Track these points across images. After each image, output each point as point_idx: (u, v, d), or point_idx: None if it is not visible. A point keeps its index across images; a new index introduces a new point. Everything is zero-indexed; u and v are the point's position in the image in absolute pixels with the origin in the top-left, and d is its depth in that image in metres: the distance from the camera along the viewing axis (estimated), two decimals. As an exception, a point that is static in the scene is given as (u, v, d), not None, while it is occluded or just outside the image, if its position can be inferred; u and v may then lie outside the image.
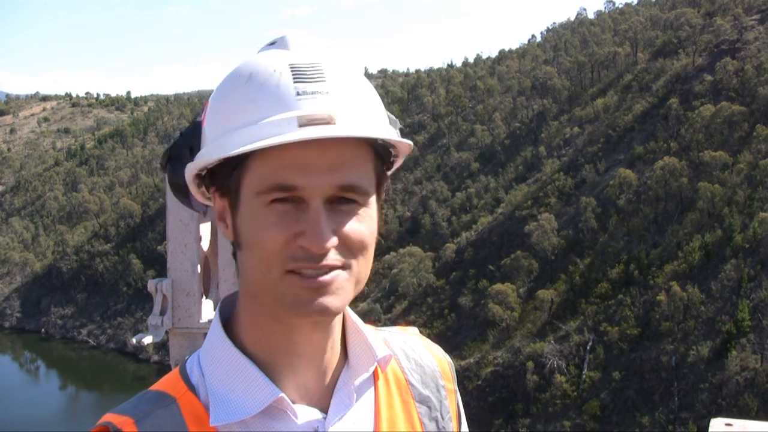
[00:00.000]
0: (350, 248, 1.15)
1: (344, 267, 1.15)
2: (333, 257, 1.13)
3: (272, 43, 1.21)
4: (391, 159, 1.26)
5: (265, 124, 1.09)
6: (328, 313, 1.15)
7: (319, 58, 1.15)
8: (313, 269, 1.12)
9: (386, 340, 1.39)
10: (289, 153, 1.09)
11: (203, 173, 1.20)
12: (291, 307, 1.14)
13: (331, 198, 1.12)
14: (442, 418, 1.40)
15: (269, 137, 1.07)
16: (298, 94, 1.11)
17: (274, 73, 1.13)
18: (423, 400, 1.38)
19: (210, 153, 1.15)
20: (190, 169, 1.19)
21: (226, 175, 1.16)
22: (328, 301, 1.13)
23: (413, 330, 1.51)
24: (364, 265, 1.18)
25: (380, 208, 1.26)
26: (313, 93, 1.11)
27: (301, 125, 1.08)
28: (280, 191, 1.11)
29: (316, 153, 1.10)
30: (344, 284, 1.15)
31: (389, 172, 1.28)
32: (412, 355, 1.42)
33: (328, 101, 1.11)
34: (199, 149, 1.20)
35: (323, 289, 1.13)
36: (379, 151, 1.20)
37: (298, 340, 1.21)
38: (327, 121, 1.09)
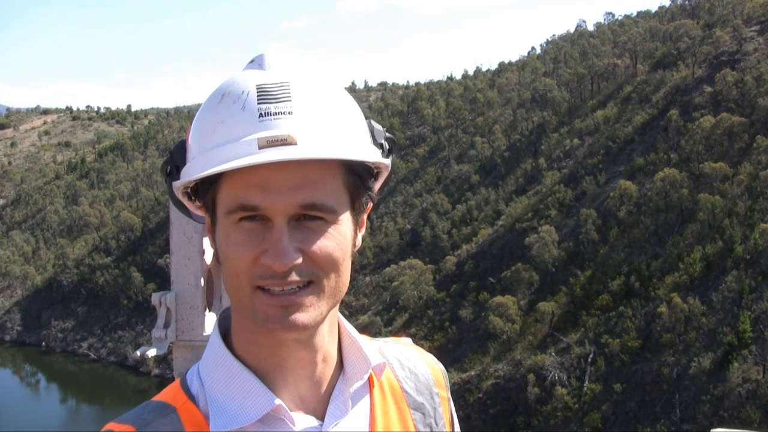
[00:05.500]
0: (318, 264, 1.16)
1: (313, 283, 1.17)
2: (300, 274, 1.15)
3: (252, 62, 1.22)
4: (375, 172, 1.27)
5: (229, 146, 1.12)
6: (298, 329, 1.16)
7: (289, 77, 1.17)
8: (279, 287, 1.14)
9: (381, 350, 1.43)
10: (251, 174, 1.12)
11: (189, 190, 1.23)
12: (262, 323, 1.16)
13: (296, 216, 1.14)
14: (436, 425, 1.44)
15: (229, 161, 1.10)
16: (261, 115, 1.12)
17: (241, 94, 1.15)
18: (417, 407, 1.42)
19: (187, 173, 1.19)
20: (176, 187, 1.23)
21: (204, 194, 1.21)
22: (297, 317, 1.15)
23: (407, 340, 1.56)
24: (336, 280, 1.20)
25: (358, 222, 1.27)
26: (276, 114, 1.12)
27: (260, 147, 1.10)
28: (244, 210, 1.13)
29: (277, 173, 1.12)
30: (313, 301, 1.17)
31: (376, 185, 1.29)
32: (407, 363, 1.46)
33: (291, 122, 1.12)
34: (183, 167, 1.24)
35: (292, 306, 1.15)
36: (355, 167, 1.21)
37: (285, 355, 1.24)
38: (287, 142, 1.10)
